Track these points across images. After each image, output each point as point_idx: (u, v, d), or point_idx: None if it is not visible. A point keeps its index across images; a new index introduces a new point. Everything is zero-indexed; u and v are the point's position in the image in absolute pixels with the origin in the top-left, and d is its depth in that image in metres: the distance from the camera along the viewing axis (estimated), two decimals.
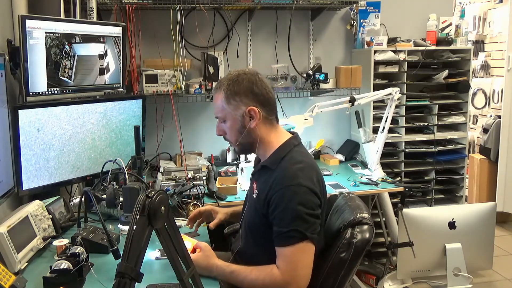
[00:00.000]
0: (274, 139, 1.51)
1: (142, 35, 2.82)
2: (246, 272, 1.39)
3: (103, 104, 2.27)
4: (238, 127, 1.48)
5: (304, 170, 1.41)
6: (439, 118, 3.27)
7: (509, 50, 3.65)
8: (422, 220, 2.56)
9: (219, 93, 1.49)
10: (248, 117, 1.47)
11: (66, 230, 1.86)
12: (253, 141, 1.50)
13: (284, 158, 1.46)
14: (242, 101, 1.46)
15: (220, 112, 1.50)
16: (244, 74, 1.49)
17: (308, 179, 1.40)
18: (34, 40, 1.88)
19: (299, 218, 1.35)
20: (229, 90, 1.47)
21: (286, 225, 1.35)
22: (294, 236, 1.34)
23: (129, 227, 1.03)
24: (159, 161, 2.94)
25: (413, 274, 2.71)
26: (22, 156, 1.85)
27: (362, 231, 1.44)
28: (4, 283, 1.26)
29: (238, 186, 2.54)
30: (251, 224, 1.52)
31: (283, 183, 1.38)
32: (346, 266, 1.42)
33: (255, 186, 1.53)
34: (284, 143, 1.51)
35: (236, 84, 1.47)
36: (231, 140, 1.54)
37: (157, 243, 1.19)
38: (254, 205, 1.48)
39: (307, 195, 1.37)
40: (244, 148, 1.55)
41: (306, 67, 3.21)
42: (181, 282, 1.11)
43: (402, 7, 3.31)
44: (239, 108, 1.46)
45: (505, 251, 3.40)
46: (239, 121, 1.47)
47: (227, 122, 1.50)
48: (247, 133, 1.48)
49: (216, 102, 1.51)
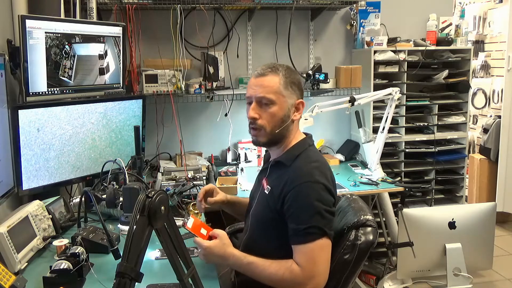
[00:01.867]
0: (295, 136, 1.52)
1: (142, 35, 2.82)
2: (265, 265, 1.37)
3: (103, 104, 2.27)
4: (283, 116, 1.45)
5: (319, 168, 1.42)
6: (439, 118, 3.27)
7: (509, 50, 3.65)
8: (422, 220, 2.56)
9: (276, 75, 1.44)
10: (294, 109, 1.47)
11: (66, 230, 1.86)
12: (286, 134, 1.49)
13: (300, 156, 1.46)
14: (295, 92, 1.47)
15: (272, 93, 1.43)
16: (294, 69, 1.52)
17: (323, 177, 1.40)
18: (34, 40, 1.88)
19: (318, 214, 1.35)
20: (289, 76, 1.45)
21: (304, 222, 1.34)
22: (314, 233, 1.34)
23: (129, 227, 1.03)
24: (159, 161, 2.94)
25: (413, 274, 2.71)
26: (22, 156, 1.85)
27: (366, 233, 1.45)
28: (4, 283, 1.26)
29: (238, 186, 2.54)
30: (262, 220, 1.50)
31: (299, 180, 1.38)
32: (350, 268, 1.42)
33: (265, 182, 1.51)
34: (301, 141, 1.51)
35: (294, 74, 1.48)
36: (268, 126, 1.45)
37: (157, 243, 1.19)
38: (267, 201, 1.47)
39: (323, 191, 1.38)
40: (275, 138, 1.48)
41: (306, 67, 3.21)
42: (181, 282, 1.12)
43: (402, 7, 3.31)
44: (292, 97, 1.46)
45: (505, 251, 3.40)
46: (287, 109, 1.45)
47: (274, 107, 1.43)
48: (287, 125, 1.47)
49: (269, 82, 1.43)
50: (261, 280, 1.39)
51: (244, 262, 1.40)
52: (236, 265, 1.42)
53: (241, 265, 1.41)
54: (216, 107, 3.07)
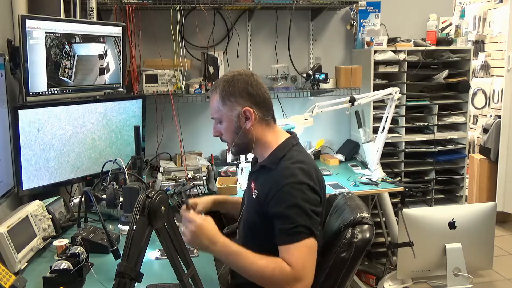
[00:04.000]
0: (272, 139, 1.52)
1: (142, 35, 2.82)
2: (255, 258, 1.33)
3: (103, 104, 2.27)
4: (233, 128, 1.49)
5: (303, 168, 1.41)
6: (439, 118, 3.27)
7: (509, 50, 3.65)
8: (422, 220, 2.56)
9: (215, 94, 1.50)
10: (244, 117, 1.47)
11: (66, 230, 1.86)
12: (249, 142, 1.50)
13: (284, 158, 1.46)
14: (237, 101, 1.47)
15: (216, 113, 1.51)
16: (239, 75, 1.49)
17: (308, 177, 1.40)
18: (34, 40, 1.88)
19: (305, 214, 1.34)
20: (224, 91, 1.48)
21: (291, 222, 1.33)
22: (301, 232, 1.32)
23: (129, 227, 1.03)
24: (159, 161, 2.94)
25: (413, 274, 2.71)
26: (22, 156, 1.85)
27: (362, 230, 1.44)
28: (4, 283, 1.26)
29: (238, 186, 2.54)
30: (250, 223, 1.51)
31: (283, 181, 1.38)
32: (347, 266, 1.41)
33: (253, 186, 1.52)
34: (283, 143, 1.51)
35: (231, 85, 1.48)
36: (227, 140, 1.54)
37: (157, 243, 1.19)
38: (254, 206, 1.48)
39: (308, 191, 1.37)
40: (240, 148, 1.55)
41: (306, 67, 3.21)
42: (181, 282, 1.12)
43: (402, 7, 3.31)
44: (234, 109, 1.47)
45: (505, 251, 3.40)
46: (235, 121, 1.48)
47: (223, 123, 1.51)
48: (242, 134, 1.49)
49: (212, 103, 1.52)
50: (248, 274, 1.34)
51: (233, 249, 1.34)
52: (223, 252, 1.35)
53: (228, 252, 1.34)
54: None
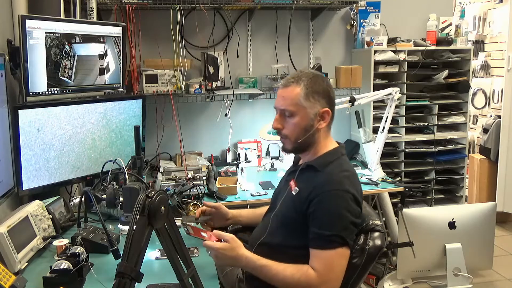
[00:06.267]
0: (325, 143, 1.53)
1: (142, 35, 2.82)
2: (279, 269, 1.38)
3: (103, 104, 2.27)
4: (305, 125, 1.47)
5: (350, 178, 1.44)
6: (439, 118, 3.27)
7: (509, 50, 3.65)
8: (422, 220, 2.56)
9: (297, 87, 1.46)
10: (319, 118, 1.48)
11: (66, 230, 1.86)
12: (312, 142, 1.50)
13: (333, 163, 1.47)
14: (319, 101, 1.47)
15: (292, 105, 1.46)
16: (321, 76, 1.51)
17: (353, 187, 1.42)
18: (34, 40, 1.88)
19: (344, 224, 1.37)
20: (309, 87, 1.46)
21: (329, 229, 1.35)
22: (336, 241, 1.35)
23: (129, 227, 1.03)
24: (159, 161, 2.94)
25: (413, 274, 2.71)
26: (22, 156, 1.85)
27: (374, 238, 1.47)
28: (4, 283, 1.26)
29: (238, 186, 2.54)
30: (285, 218, 1.51)
31: (329, 186, 1.40)
32: (358, 272, 1.43)
33: (293, 183, 1.52)
34: (334, 149, 1.53)
35: (316, 83, 1.48)
36: (291, 136, 1.49)
37: (157, 243, 1.19)
38: (293, 202, 1.48)
39: (352, 202, 1.40)
40: (301, 147, 1.51)
41: (306, 67, 3.21)
42: (181, 282, 1.12)
43: (402, 7, 3.31)
44: (314, 107, 1.47)
45: (505, 251, 3.40)
46: (310, 119, 1.47)
47: (295, 118, 1.47)
48: (312, 133, 1.48)
49: (289, 94, 1.47)
50: (274, 283, 1.39)
51: (258, 264, 1.40)
52: (249, 267, 1.43)
53: (254, 267, 1.41)
54: (216, 107, 3.07)
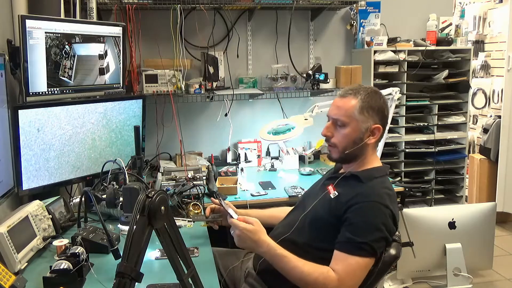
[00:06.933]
0: (372, 159, 1.55)
1: (142, 35, 2.82)
2: (299, 263, 1.38)
3: (103, 104, 2.27)
4: (355, 138, 1.49)
5: (391, 197, 1.47)
6: (439, 118, 3.27)
7: (509, 50, 3.64)
8: (422, 220, 2.56)
9: (354, 99, 1.49)
10: (369, 133, 1.49)
11: (66, 230, 1.86)
12: (358, 155, 1.52)
13: (377, 179, 1.49)
14: (373, 117, 1.49)
15: (346, 117, 1.49)
16: (380, 93, 1.53)
17: (393, 206, 1.45)
18: (34, 40, 1.88)
19: (377, 236, 1.38)
20: (366, 101, 1.48)
21: (362, 236, 1.36)
22: (365, 249, 1.36)
23: (129, 227, 1.03)
24: (159, 161, 2.94)
25: (413, 274, 2.70)
26: (22, 156, 1.85)
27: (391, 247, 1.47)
28: (4, 283, 1.26)
29: (238, 186, 2.54)
30: (317, 218, 1.51)
31: (372, 197, 1.42)
32: (372, 279, 1.43)
33: (332, 188, 1.53)
34: (381, 167, 1.56)
35: (374, 99, 1.49)
36: (340, 145, 1.52)
37: (157, 243, 1.19)
38: (329, 204, 1.49)
39: (390, 218, 1.42)
40: (347, 158, 1.53)
41: (306, 67, 3.21)
42: (181, 282, 1.11)
43: (402, 7, 3.31)
44: (367, 122, 1.48)
45: (505, 251, 3.40)
46: (360, 132, 1.49)
47: (346, 129, 1.49)
48: (360, 147, 1.50)
49: (344, 105, 1.49)
50: (289, 276, 1.40)
51: (278, 253, 1.41)
52: (269, 254, 1.43)
53: (274, 255, 1.41)
54: (216, 107, 3.07)
